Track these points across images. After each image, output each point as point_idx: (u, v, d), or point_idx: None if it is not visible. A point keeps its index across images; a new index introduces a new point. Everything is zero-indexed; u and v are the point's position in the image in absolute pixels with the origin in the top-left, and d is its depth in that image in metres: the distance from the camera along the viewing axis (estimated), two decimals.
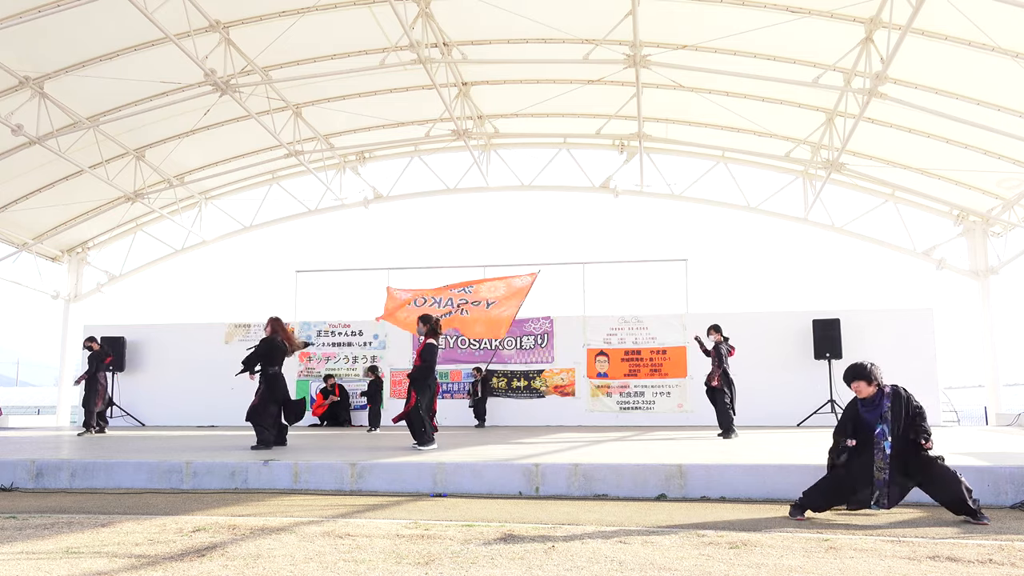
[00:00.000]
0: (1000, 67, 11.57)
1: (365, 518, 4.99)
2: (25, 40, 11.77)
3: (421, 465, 6.47)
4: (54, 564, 3.59)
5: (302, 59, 13.69)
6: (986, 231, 16.37)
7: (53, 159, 14.72)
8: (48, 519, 4.87)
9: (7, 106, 12.90)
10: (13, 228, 17.24)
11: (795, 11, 11.49)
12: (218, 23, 12.12)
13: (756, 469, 6.03)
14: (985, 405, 16.61)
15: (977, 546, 3.94)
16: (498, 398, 15.65)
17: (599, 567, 3.50)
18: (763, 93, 14.15)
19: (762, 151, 16.39)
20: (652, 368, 15.47)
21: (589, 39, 12.87)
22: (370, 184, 18.74)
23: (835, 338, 14.37)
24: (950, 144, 14.04)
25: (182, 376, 16.65)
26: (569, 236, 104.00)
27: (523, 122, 16.84)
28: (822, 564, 3.55)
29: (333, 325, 16.67)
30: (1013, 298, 25.25)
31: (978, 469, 5.69)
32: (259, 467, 6.67)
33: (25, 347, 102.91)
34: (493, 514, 5.16)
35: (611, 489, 6.07)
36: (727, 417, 10.20)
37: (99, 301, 19.64)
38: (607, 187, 17.78)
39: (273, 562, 3.62)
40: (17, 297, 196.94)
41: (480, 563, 3.59)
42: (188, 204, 18.69)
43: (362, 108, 15.61)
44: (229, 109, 14.61)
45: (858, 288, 60.93)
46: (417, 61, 12.24)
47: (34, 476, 6.92)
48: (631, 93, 14.40)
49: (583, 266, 16.52)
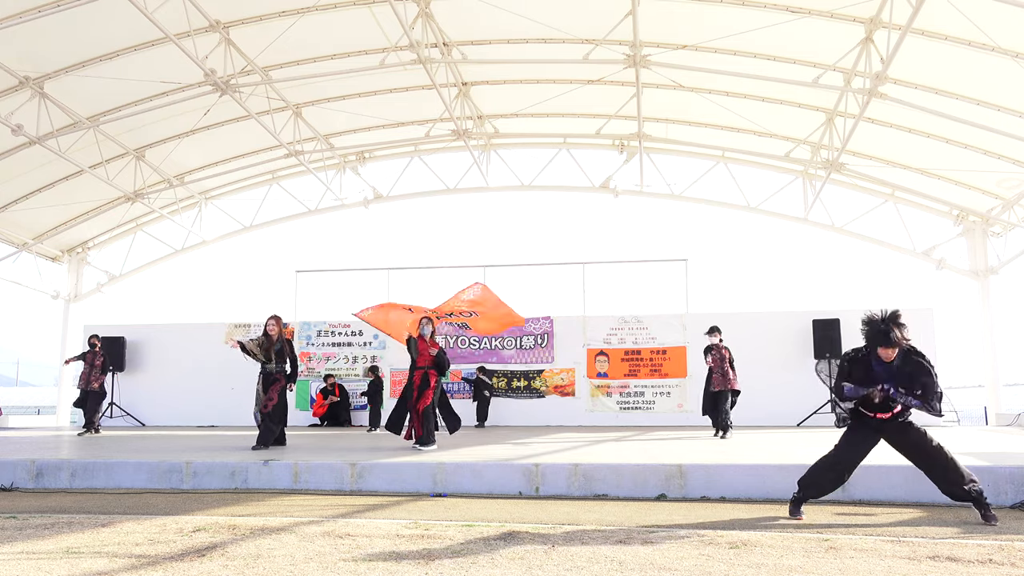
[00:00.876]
0: (1000, 67, 11.57)
1: (365, 518, 4.99)
2: (25, 40, 11.77)
3: (421, 465, 6.47)
4: (54, 564, 3.59)
5: (302, 59, 13.69)
6: (986, 231, 16.37)
7: (53, 159, 14.72)
8: (48, 519, 4.87)
9: (7, 106, 12.90)
10: (13, 228, 17.24)
11: (795, 11, 11.49)
12: (218, 23, 12.12)
13: (756, 469, 6.03)
14: (985, 405, 16.61)
15: (977, 546, 3.94)
16: (498, 398, 15.65)
17: (599, 567, 3.50)
18: (763, 93, 14.15)
19: (762, 151, 16.40)
20: (652, 368, 15.47)
21: (589, 39, 12.87)
22: (370, 184, 18.75)
23: (835, 338, 14.37)
24: (950, 144, 14.04)
25: (182, 376, 16.66)
26: (569, 236, 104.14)
27: (523, 122, 16.84)
28: (822, 564, 3.55)
29: (333, 325, 16.67)
30: (1013, 298, 25.28)
31: (978, 469, 5.69)
32: (259, 467, 6.67)
33: (25, 347, 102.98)
34: (493, 514, 5.16)
35: (611, 489, 6.07)
36: (728, 418, 10.32)
37: (99, 301, 19.65)
38: (607, 187, 17.78)
39: (273, 562, 3.62)
40: (17, 297, 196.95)
41: (480, 563, 3.59)
42: (188, 204, 18.69)
43: (362, 108, 15.61)
44: (229, 109, 14.61)
45: (858, 288, 60.97)
46: (417, 61, 12.24)
47: (34, 476, 6.92)
48: (631, 93, 14.40)
49: (583, 266, 16.52)
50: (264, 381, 9.10)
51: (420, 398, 8.58)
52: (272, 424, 8.85)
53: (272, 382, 9.07)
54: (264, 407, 8.91)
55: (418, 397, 8.60)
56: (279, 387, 9.06)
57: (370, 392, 14.52)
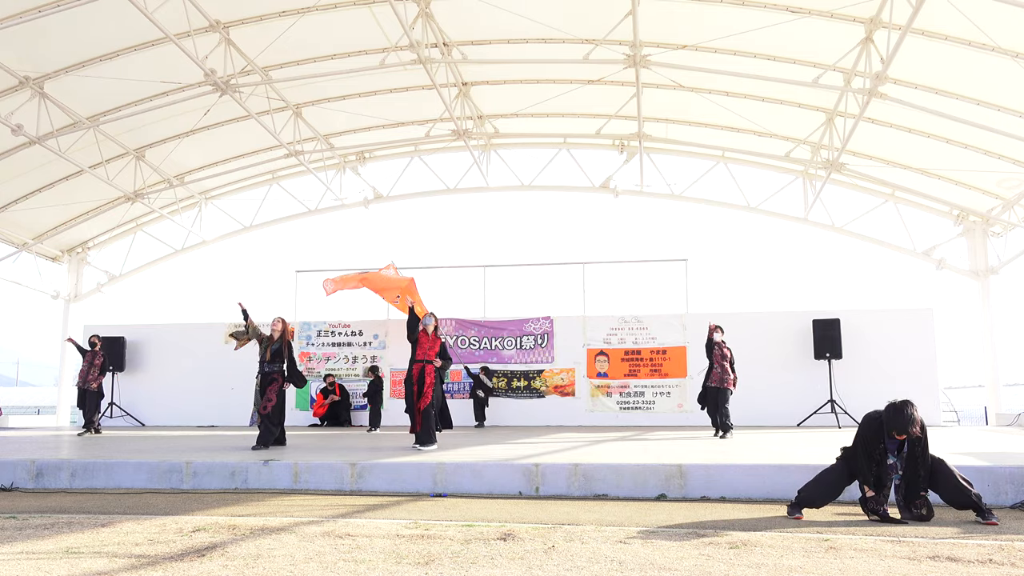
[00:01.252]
0: (1000, 67, 11.57)
1: (365, 518, 4.99)
2: (25, 40, 11.77)
3: (421, 465, 6.47)
4: (54, 564, 3.59)
5: (302, 59, 13.69)
6: (986, 231, 16.38)
7: (53, 159, 14.72)
8: (48, 519, 4.87)
9: (7, 106, 12.90)
10: (13, 228, 17.24)
11: (795, 11, 11.49)
12: (218, 23, 12.12)
13: (756, 469, 6.03)
14: (985, 405, 16.62)
15: (977, 546, 3.94)
16: (498, 398, 15.64)
17: (599, 567, 3.50)
18: (763, 93, 14.15)
19: (762, 151, 16.40)
20: (652, 368, 15.46)
21: (589, 39, 12.86)
22: (370, 184, 18.75)
23: (835, 338, 14.36)
24: (950, 144, 14.04)
25: (182, 376, 16.65)
26: (569, 236, 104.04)
27: (523, 122, 16.84)
28: (822, 564, 3.54)
29: (333, 325, 16.67)
30: (1013, 298, 25.26)
31: (978, 469, 5.69)
32: (259, 467, 6.68)
33: (25, 347, 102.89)
34: (493, 514, 5.16)
35: (611, 489, 6.07)
36: (728, 419, 10.37)
37: (99, 301, 19.66)
38: (607, 187, 17.78)
39: (273, 562, 3.62)
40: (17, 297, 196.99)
41: (480, 563, 3.59)
42: (188, 204, 18.70)
43: (362, 108, 15.61)
44: (229, 109, 14.61)
45: (858, 288, 60.98)
46: (417, 61, 12.24)
47: (34, 476, 6.92)
48: (631, 93, 14.40)
49: (583, 266, 16.51)
50: (262, 381, 9.16)
51: (420, 396, 8.57)
52: (272, 425, 8.88)
53: (269, 382, 9.12)
54: (263, 408, 8.94)
55: (418, 394, 8.58)
56: (276, 387, 9.12)
57: (370, 392, 14.52)
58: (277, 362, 9.21)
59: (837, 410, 13.67)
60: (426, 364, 8.63)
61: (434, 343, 8.76)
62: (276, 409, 9.01)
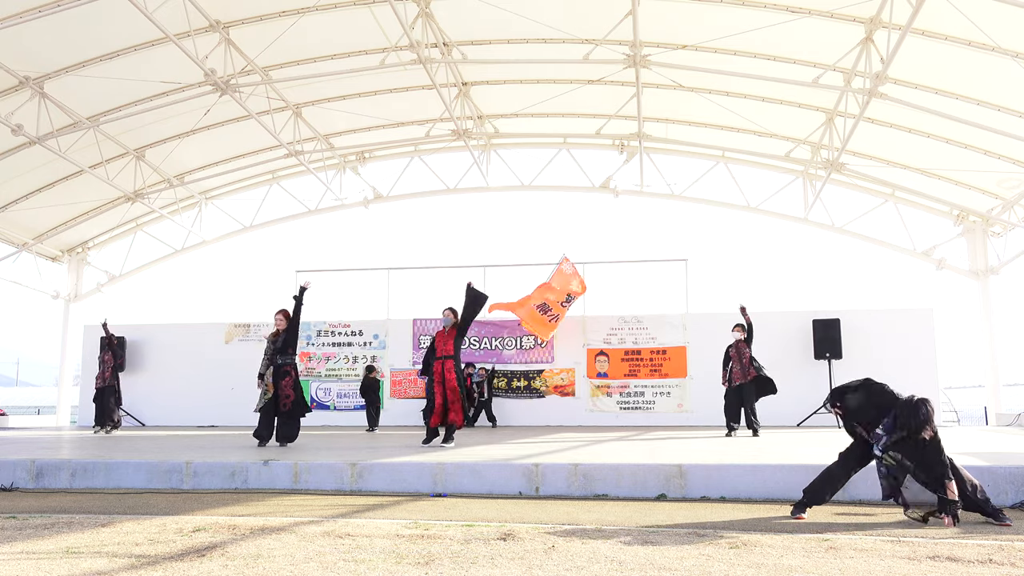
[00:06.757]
0: (1000, 67, 11.57)
1: (365, 518, 4.99)
2: (25, 40, 11.78)
3: (421, 465, 6.47)
4: (54, 564, 3.59)
5: (302, 59, 13.70)
6: (986, 231, 16.38)
7: (53, 159, 14.73)
8: (48, 519, 4.87)
9: (7, 106, 12.90)
10: (13, 228, 17.25)
11: (795, 11, 11.49)
12: (218, 23, 12.13)
13: (756, 469, 6.02)
14: (985, 405, 16.62)
15: (977, 546, 3.94)
16: (498, 398, 15.65)
17: (599, 567, 3.50)
18: (763, 93, 14.16)
19: (762, 151, 16.40)
20: (652, 368, 15.46)
21: (589, 39, 12.87)
22: (370, 184, 18.76)
23: (835, 338, 14.37)
24: (950, 144, 14.05)
25: (182, 376, 16.66)
26: (569, 236, 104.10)
27: (523, 122, 16.85)
28: (822, 564, 3.54)
29: (333, 325, 16.67)
30: (1013, 298, 25.29)
31: (978, 469, 5.69)
32: (259, 467, 6.68)
33: (25, 347, 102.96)
34: (493, 514, 5.15)
35: (611, 489, 6.07)
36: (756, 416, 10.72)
37: (99, 301, 19.67)
38: (607, 187, 17.78)
39: (273, 562, 3.62)
40: (17, 297, 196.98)
41: (480, 563, 3.59)
42: (188, 204, 18.70)
43: (362, 108, 15.62)
44: (229, 109, 14.62)
45: (858, 288, 61.03)
46: (417, 61, 12.24)
47: (34, 476, 6.92)
48: (631, 93, 14.40)
49: (583, 266, 16.51)
50: (275, 374, 9.12)
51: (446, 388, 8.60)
52: (296, 419, 8.98)
53: (283, 376, 9.10)
54: (284, 405, 8.95)
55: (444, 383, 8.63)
56: (291, 381, 9.09)
57: (364, 391, 14.45)
58: (289, 354, 9.23)
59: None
60: (445, 360, 8.73)
61: (448, 336, 8.84)
62: (296, 404, 9.04)
